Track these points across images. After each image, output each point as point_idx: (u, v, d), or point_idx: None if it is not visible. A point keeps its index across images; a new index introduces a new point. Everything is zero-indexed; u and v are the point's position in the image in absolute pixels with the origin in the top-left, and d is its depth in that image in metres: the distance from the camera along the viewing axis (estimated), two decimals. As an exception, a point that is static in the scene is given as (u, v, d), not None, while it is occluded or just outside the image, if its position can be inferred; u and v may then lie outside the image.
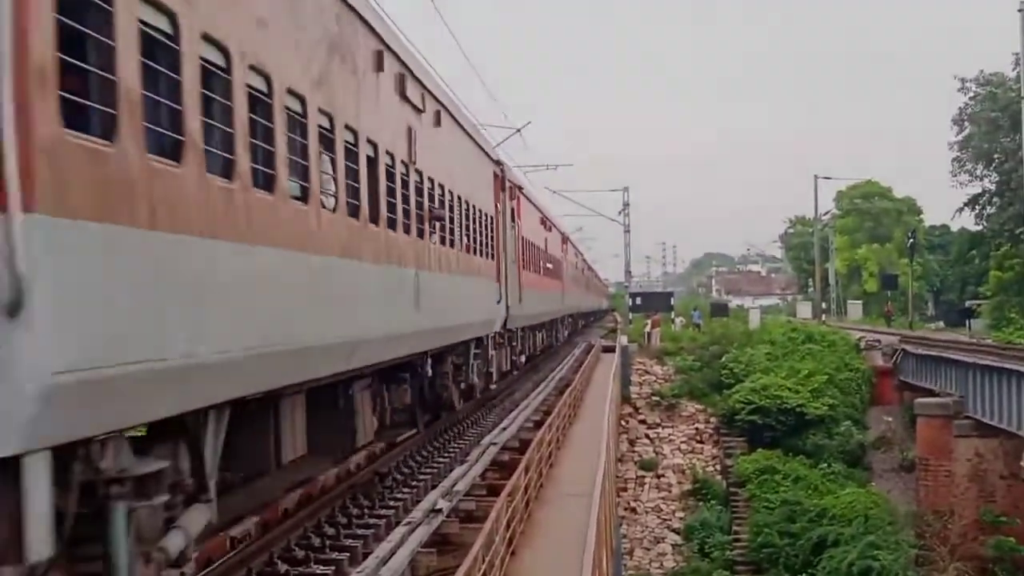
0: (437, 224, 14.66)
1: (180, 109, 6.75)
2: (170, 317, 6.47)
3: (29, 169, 5.01)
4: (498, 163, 22.19)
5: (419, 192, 13.70)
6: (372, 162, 11.44)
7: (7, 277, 4.92)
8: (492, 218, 20.70)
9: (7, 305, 4.94)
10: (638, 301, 68.26)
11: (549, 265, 35.10)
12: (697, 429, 48.43)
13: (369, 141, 11.28)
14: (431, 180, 14.46)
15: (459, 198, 16.81)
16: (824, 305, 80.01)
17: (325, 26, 9.87)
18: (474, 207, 18.42)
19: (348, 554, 11.11)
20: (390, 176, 12.15)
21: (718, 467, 46.43)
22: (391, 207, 12.12)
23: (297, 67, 9.04)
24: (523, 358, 29.27)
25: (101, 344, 5.65)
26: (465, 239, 17.30)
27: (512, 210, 24.05)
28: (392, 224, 12.17)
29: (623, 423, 46.62)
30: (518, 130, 44.66)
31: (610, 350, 49.62)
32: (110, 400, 5.80)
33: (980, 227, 75.65)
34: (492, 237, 20.60)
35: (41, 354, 5.11)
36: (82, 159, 5.55)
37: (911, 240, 76.88)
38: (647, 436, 48.40)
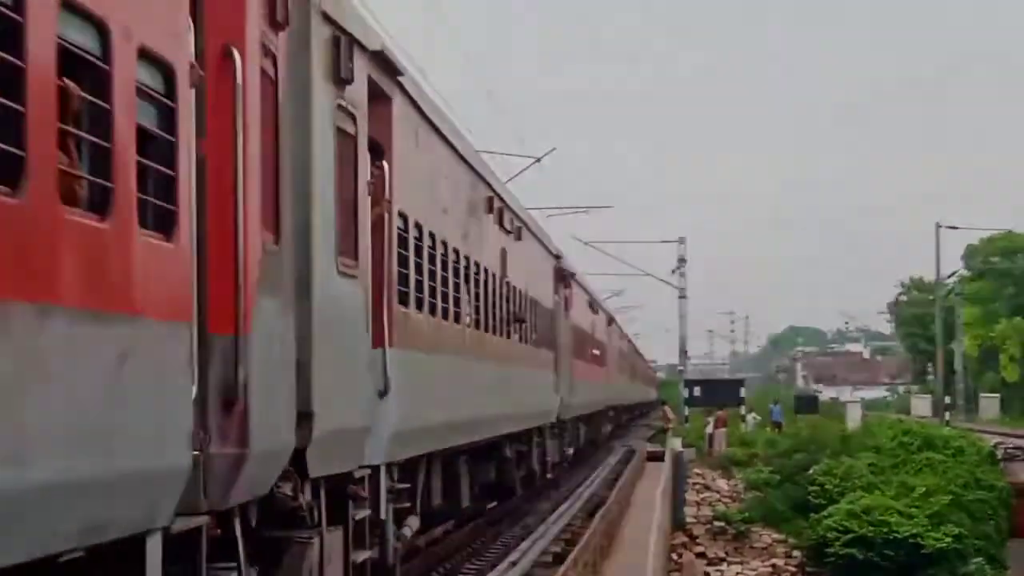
0: (518, 324, 25.37)
1: (421, 279, 17.38)
2: (420, 399, 17.06)
3: (391, 327, 15.62)
4: (557, 256, 33.12)
5: (507, 300, 24.44)
6: (484, 283, 22.14)
7: (383, 378, 15.47)
8: (551, 311, 31.53)
9: (381, 391, 15.48)
10: (697, 391, 71.78)
11: (595, 351, 45.95)
12: (775, 566, 50.67)
13: (485, 269, 22.00)
14: (514, 288, 25.20)
15: (530, 299, 27.56)
16: (948, 399, 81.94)
17: (467, 195, 20.63)
18: (540, 304, 29.21)
19: None
20: (493, 291, 22.86)
21: (803, 620, 48.95)
22: (493, 315, 22.80)
23: (455, 229, 19.76)
24: (571, 451, 39.87)
25: (408, 412, 16.23)
26: (533, 334, 28.08)
27: (566, 299, 34.91)
28: (494, 329, 22.87)
29: (674, 557, 48.42)
30: (538, 159, 48.93)
31: (657, 457, 55.00)
32: (404, 443, 16.36)
33: None
34: (551, 329, 31.40)
35: (391, 416, 15.66)
36: (402, 318, 16.18)
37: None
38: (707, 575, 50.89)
